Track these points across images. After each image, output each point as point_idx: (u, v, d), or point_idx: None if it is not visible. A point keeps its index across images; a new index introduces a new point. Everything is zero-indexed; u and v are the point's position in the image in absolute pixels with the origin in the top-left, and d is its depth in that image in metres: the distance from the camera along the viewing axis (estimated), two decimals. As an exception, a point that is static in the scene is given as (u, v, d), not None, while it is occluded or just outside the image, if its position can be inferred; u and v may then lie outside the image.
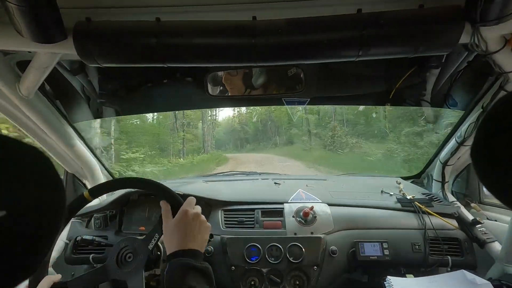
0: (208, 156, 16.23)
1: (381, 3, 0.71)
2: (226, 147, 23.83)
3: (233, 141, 24.69)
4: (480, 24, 0.66)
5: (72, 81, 1.06)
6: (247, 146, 22.87)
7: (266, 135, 22.43)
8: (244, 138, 24.14)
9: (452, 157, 1.19)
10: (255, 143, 22.72)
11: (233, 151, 21.74)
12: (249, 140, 23.77)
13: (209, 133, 20.76)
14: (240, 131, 24.23)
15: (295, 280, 0.98)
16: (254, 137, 23.78)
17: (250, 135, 24.25)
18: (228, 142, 24.96)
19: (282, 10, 0.73)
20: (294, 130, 18.24)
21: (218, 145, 23.13)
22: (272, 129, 21.81)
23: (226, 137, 25.46)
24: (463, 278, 0.89)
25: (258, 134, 23.49)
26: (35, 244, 0.29)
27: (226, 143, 24.67)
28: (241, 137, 24.18)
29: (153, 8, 0.73)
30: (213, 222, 1.11)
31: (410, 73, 1.03)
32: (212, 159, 15.28)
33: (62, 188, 0.32)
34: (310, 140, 15.68)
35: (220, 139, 24.80)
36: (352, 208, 1.15)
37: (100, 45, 0.70)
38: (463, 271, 0.91)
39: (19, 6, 0.57)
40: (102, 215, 1.16)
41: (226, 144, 24.58)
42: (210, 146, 20.03)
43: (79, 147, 1.20)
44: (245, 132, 24.15)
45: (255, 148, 21.43)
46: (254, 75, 1.10)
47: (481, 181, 0.37)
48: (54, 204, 0.31)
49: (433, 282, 0.91)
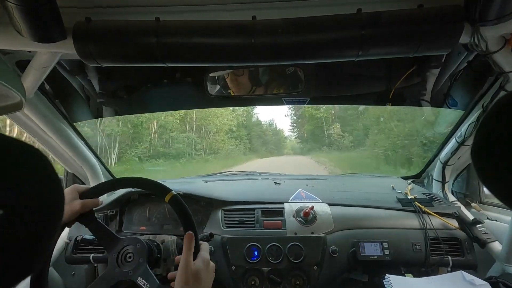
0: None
1: (381, 3, 0.71)
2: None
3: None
4: (479, 24, 0.66)
5: (72, 81, 1.07)
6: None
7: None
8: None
9: (452, 157, 1.19)
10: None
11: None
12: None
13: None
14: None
15: (296, 280, 0.98)
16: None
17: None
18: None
19: (282, 10, 0.73)
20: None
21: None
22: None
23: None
24: (461, 278, 0.89)
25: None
26: (34, 244, 0.29)
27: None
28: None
29: (153, 8, 0.73)
30: (213, 222, 1.11)
31: (410, 73, 1.04)
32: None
33: (61, 187, 0.32)
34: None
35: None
36: (352, 208, 1.15)
37: (100, 45, 0.70)
38: (462, 272, 0.91)
39: (19, 5, 0.57)
40: (103, 214, 1.16)
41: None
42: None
43: (79, 147, 1.20)
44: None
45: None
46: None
47: (482, 181, 0.37)
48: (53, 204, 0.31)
49: (431, 283, 0.91)
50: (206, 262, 0.70)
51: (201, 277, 0.66)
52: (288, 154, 26.06)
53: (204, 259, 0.70)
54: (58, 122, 1.07)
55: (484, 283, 0.86)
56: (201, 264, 0.68)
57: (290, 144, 30.50)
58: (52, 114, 1.04)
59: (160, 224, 1.15)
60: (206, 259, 0.70)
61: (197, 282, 0.66)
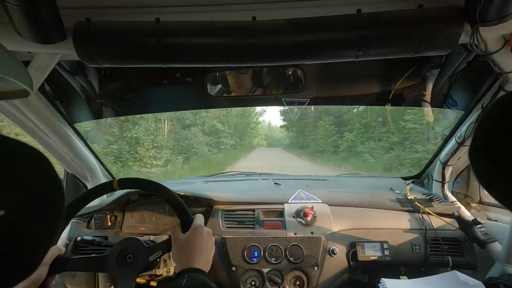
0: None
1: (381, 3, 0.71)
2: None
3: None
4: (479, 24, 0.66)
5: (72, 81, 1.06)
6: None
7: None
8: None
9: (452, 157, 1.19)
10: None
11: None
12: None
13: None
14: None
15: (295, 280, 0.98)
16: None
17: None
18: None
19: (282, 11, 0.73)
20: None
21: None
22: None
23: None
24: (455, 279, 0.90)
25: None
26: (34, 244, 0.29)
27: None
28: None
29: (153, 8, 0.73)
30: (213, 222, 1.11)
31: (410, 73, 1.04)
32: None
33: (61, 188, 0.32)
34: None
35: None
36: (352, 208, 1.15)
37: (100, 46, 0.70)
38: (456, 272, 0.92)
39: (19, 6, 0.57)
40: (103, 215, 1.16)
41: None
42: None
43: (79, 147, 1.20)
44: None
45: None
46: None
47: (480, 181, 0.37)
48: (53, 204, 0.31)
49: (426, 284, 0.91)
50: (198, 228, 0.70)
51: (194, 243, 0.67)
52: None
53: (195, 226, 0.70)
54: (58, 123, 1.07)
55: (478, 283, 0.86)
56: (192, 232, 0.68)
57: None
58: (52, 115, 1.04)
59: (160, 224, 1.15)
60: (198, 225, 0.70)
61: (191, 248, 0.66)
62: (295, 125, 21.91)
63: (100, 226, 1.15)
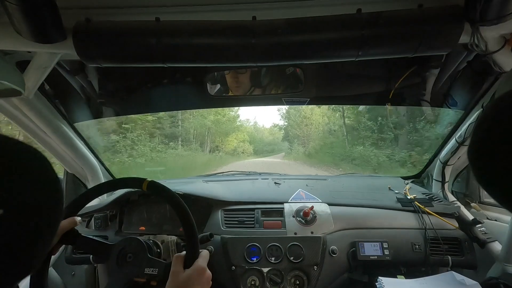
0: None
1: (381, 3, 0.71)
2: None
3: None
4: (479, 24, 0.66)
5: (72, 81, 1.06)
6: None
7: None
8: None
9: (452, 157, 1.19)
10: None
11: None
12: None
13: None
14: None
15: (295, 280, 0.98)
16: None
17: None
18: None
19: (282, 10, 0.73)
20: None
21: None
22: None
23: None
24: (452, 279, 0.90)
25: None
26: (34, 243, 0.29)
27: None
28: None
29: (153, 8, 0.73)
30: (213, 222, 1.11)
31: (409, 73, 1.03)
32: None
33: (60, 187, 0.33)
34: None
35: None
36: (352, 208, 1.15)
37: (99, 45, 0.70)
38: (452, 272, 0.92)
39: (19, 6, 0.57)
40: (102, 215, 1.16)
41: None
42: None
43: (79, 147, 1.20)
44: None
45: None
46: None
47: (478, 181, 0.36)
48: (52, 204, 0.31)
49: (423, 284, 0.92)
50: (200, 270, 0.67)
51: (191, 285, 0.64)
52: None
53: (198, 267, 0.67)
54: (58, 123, 1.07)
55: (474, 283, 0.86)
56: (193, 272, 0.66)
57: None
58: (52, 115, 1.04)
59: (160, 224, 1.15)
60: (201, 268, 0.68)
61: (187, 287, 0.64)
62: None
63: (100, 226, 1.15)
